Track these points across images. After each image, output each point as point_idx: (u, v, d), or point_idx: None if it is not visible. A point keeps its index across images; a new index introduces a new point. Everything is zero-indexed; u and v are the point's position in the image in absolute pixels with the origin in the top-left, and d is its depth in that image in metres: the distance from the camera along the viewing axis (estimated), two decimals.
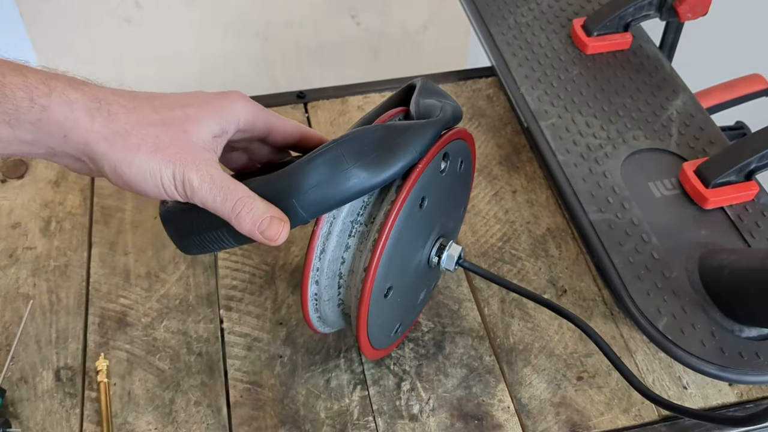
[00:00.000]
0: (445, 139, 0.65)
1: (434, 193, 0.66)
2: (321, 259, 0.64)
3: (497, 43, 1.00)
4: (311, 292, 0.66)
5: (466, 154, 0.71)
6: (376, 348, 0.71)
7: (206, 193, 0.58)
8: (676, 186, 0.82)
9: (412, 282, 0.71)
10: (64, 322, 0.79)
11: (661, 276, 0.75)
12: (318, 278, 0.65)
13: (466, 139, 0.70)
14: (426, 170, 0.63)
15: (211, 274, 0.84)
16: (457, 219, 0.78)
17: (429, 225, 0.68)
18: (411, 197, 0.62)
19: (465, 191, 0.77)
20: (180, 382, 0.75)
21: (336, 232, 0.64)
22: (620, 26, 0.98)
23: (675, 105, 0.91)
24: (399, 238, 0.63)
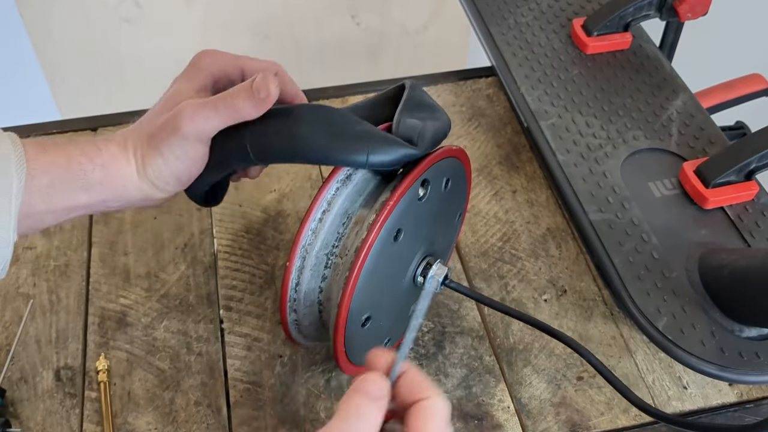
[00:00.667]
0: (423, 166, 0.63)
1: (412, 222, 0.64)
2: (297, 291, 0.65)
3: (497, 42, 1.00)
4: (290, 319, 0.67)
5: (453, 171, 0.69)
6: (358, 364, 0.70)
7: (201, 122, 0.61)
8: (676, 186, 0.82)
9: (395, 305, 0.70)
10: (64, 322, 0.79)
11: (661, 276, 0.75)
12: (296, 308, 0.66)
13: (454, 156, 0.68)
14: (400, 203, 0.61)
15: (211, 274, 0.84)
16: (450, 232, 0.76)
17: (410, 251, 0.67)
18: (383, 234, 0.61)
19: (456, 204, 0.75)
20: (180, 382, 0.75)
21: (309, 266, 0.64)
22: (620, 26, 0.98)
23: (675, 105, 0.91)
24: (374, 270, 0.62)
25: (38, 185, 0.59)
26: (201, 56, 0.68)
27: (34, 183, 0.58)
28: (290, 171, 0.93)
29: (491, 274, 0.84)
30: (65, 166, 0.60)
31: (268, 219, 0.89)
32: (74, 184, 0.60)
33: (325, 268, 0.64)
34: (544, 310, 0.81)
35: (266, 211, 0.89)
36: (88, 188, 0.61)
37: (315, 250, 0.63)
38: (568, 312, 0.81)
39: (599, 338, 0.78)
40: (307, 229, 0.63)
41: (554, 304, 0.81)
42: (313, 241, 0.63)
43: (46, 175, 0.59)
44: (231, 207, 0.90)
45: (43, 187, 0.59)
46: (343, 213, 0.64)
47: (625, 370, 0.76)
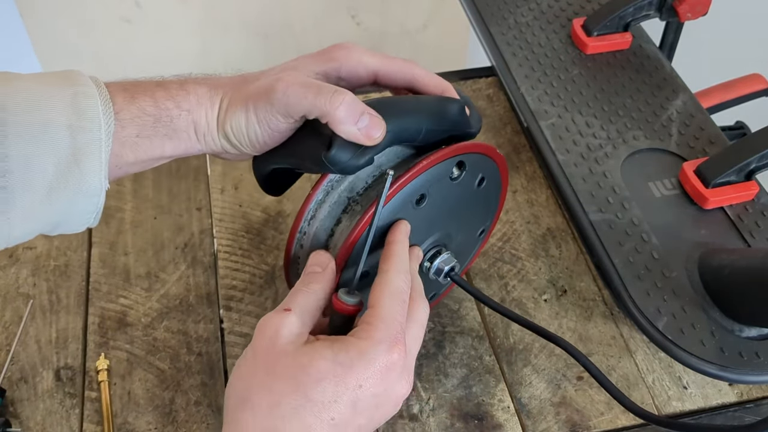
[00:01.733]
0: (463, 147, 0.64)
1: (438, 196, 0.65)
2: (310, 223, 0.64)
3: (497, 42, 1.00)
4: (294, 254, 0.66)
5: (491, 174, 0.69)
6: None
7: (294, 97, 0.59)
8: (676, 186, 0.83)
9: None
10: (64, 322, 0.79)
11: (660, 276, 0.75)
12: (303, 242, 0.65)
13: (495, 160, 0.69)
14: (432, 169, 0.62)
15: (211, 274, 0.84)
16: (470, 238, 0.75)
17: (427, 227, 0.67)
18: (407, 190, 0.61)
19: (485, 214, 0.74)
20: (180, 382, 0.75)
21: (330, 202, 0.63)
22: (620, 26, 0.98)
23: (675, 105, 0.91)
24: (384, 228, 0.62)
25: (128, 135, 0.58)
26: (337, 48, 0.65)
27: (123, 133, 0.58)
28: None
29: (491, 273, 0.84)
30: (153, 114, 0.59)
31: (269, 219, 0.89)
32: (161, 131, 0.60)
33: (343, 212, 0.64)
34: (544, 310, 0.81)
35: (266, 211, 0.90)
36: (173, 136, 0.61)
37: (340, 188, 0.63)
38: (568, 312, 0.81)
39: (599, 338, 0.78)
40: None
41: (554, 304, 0.81)
42: (342, 179, 0.64)
43: (135, 126, 0.59)
44: (231, 207, 0.90)
45: (132, 137, 0.59)
46: (377, 165, 0.64)
47: (625, 370, 0.76)
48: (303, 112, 0.59)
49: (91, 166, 0.57)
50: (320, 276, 0.60)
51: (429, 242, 0.68)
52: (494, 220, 0.77)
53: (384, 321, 0.55)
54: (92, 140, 0.56)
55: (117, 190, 0.91)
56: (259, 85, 0.61)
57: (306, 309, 0.57)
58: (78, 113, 0.56)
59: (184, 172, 0.93)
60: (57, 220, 0.59)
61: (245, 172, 0.93)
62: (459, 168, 0.65)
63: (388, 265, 0.59)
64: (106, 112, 0.57)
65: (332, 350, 0.54)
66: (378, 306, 0.56)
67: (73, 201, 0.57)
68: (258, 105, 0.60)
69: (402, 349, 0.55)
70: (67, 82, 0.58)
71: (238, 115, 0.61)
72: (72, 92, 0.57)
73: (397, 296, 0.57)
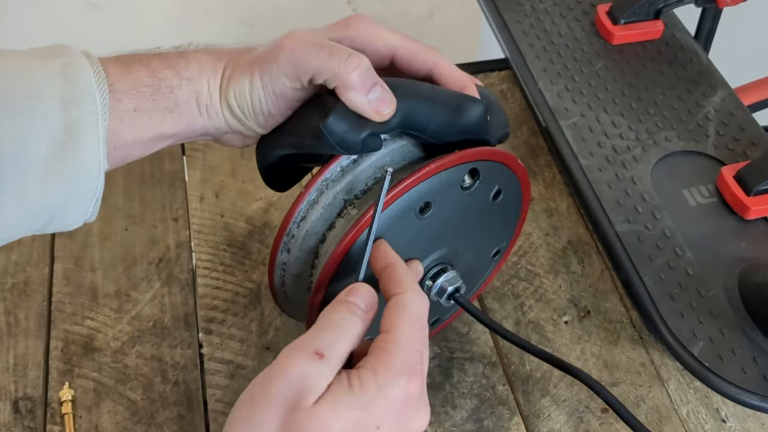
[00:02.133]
0: (478, 153, 0.64)
1: (445, 206, 0.65)
2: (300, 226, 0.65)
3: (512, 32, 1.01)
4: (280, 259, 0.66)
5: (510, 187, 0.70)
6: None
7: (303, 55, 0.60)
8: (713, 193, 0.83)
9: None
10: (23, 347, 0.80)
11: (696, 295, 0.75)
12: (290, 246, 0.66)
13: (515, 172, 0.69)
14: (440, 174, 0.62)
15: (189, 292, 0.84)
16: (482, 259, 0.75)
17: (430, 241, 0.67)
18: (410, 195, 0.62)
19: (500, 232, 0.74)
20: (154, 414, 0.76)
21: (323, 203, 0.64)
22: (650, 13, 0.98)
23: (712, 102, 0.91)
24: (383, 235, 0.62)
25: (124, 109, 0.60)
26: (355, 18, 0.65)
27: (120, 107, 0.59)
28: None
29: (505, 292, 0.84)
30: (151, 85, 0.61)
31: (254, 231, 0.89)
32: (160, 104, 0.61)
33: (338, 216, 0.64)
34: (565, 334, 0.81)
35: (251, 222, 0.90)
36: (174, 109, 0.62)
37: (336, 189, 0.64)
38: (592, 335, 0.81)
39: (627, 365, 0.79)
40: (337, 164, 0.64)
41: (576, 326, 0.82)
42: (338, 178, 0.64)
43: (131, 98, 0.60)
44: (211, 217, 0.90)
45: (129, 111, 0.60)
46: (380, 166, 0.64)
47: (656, 401, 0.77)
48: (312, 73, 0.60)
49: (88, 141, 0.58)
50: (361, 320, 0.57)
51: (432, 258, 0.68)
52: (512, 241, 0.77)
53: (403, 350, 0.55)
54: (87, 113, 0.57)
55: None
56: (265, 48, 0.62)
57: (340, 356, 0.55)
58: (69, 85, 0.57)
59: (159, 178, 0.94)
60: (54, 207, 0.59)
61: (227, 178, 0.93)
62: (472, 176, 0.65)
63: (401, 287, 0.58)
64: (99, 84, 0.58)
65: (352, 395, 0.52)
66: (395, 331, 0.55)
67: (70, 183, 0.58)
68: (263, 67, 0.61)
69: (420, 381, 0.54)
70: (54, 53, 0.59)
71: (242, 81, 0.62)
72: (61, 63, 0.58)
73: (417, 321, 0.57)
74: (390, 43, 0.65)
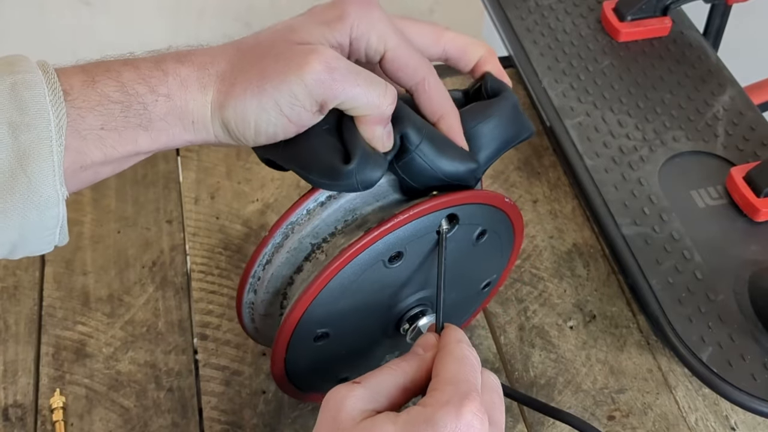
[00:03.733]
0: (455, 199, 0.62)
1: (419, 254, 0.64)
2: (265, 268, 0.64)
3: (515, 29, 1.01)
4: (247, 299, 0.66)
5: (496, 225, 0.68)
6: (303, 390, 0.71)
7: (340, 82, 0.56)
8: (722, 195, 0.83)
9: (365, 341, 0.69)
10: (12, 353, 0.80)
11: (705, 299, 0.75)
12: (256, 288, 0.65)
13: (502, 210, 0.67)
14: (412, 223, 0.61)
15: (183, 297, 0.84)
16: (469, 294, 0.75)
17: (405, 288, 0.66)
18: (378, 246, 0.61)
19: (488, 267, 0.74)
20: (147, 422, 0.76)
21: (288, 248, 0.63)
22: (658, 9, 0.98)
23: (721, 101, 0.91)
24: (352, 283, 0.62)
25: (89, 127, 0.55)
26: (350, 5, 0.60)
27: (83, 125, 0.55)
28: (275, 177, 0.94)
29: (508, 296, 0.84)
30: (120, 101, 0.55)
31: (250, 233, 0.89)
32: (132, 121, 0.56)
33: (305, 260, 0.64)
34: (570, 339, 0.81)
35: (247, 224, 0.90)
36: (150, 126, 0.57)
37: (302, 233, 0.63)
38: (598, 341, 0.81)
39: (634, 371, 0.79)
40: (303, 207, 0.63)
41: (581, 331, 0.82)
42: (304, 222, 0.63)
43: (97, 116, 0.55)
44: (207, 220, 0.90)
45: (95, 129, 0.55)
46: (350, 209, 0.63)
47: (663, 408, 0.77)
48: (342, 100, 0.57)
49: (40, 170, 0.53)
50: (417, 357, 0.58)
51: (409, 302, 0.68)
52: (504, 273, 0.76)
53: (451, 383, 0.54)
54: (39, 139, 0.53)
55: (74, 200, 0.91)
56: (278, 61, 0.57)
57: (382, 385, 0.56)
58: (19, 107, 0.53)
59: (152, 179, 0.94)
60: (12, 240, 0.56)
61: (222, 180, 0.93)
62: (450, 221, 0.64)
63: (443, 341, 0.59)
64: (55, 104, 0.54)
65: (395, 424, 0.52)
66: (443, 371, 0.56)
67: (24, 216, 0.54)
68: (280, 88, 0.56)
69: (477, 409, 0.53)
70: (5, 69, 0.54)
71: (247, 101, 0.57)
72: (11, 82, 0.54)
73: (464, 360, 0.56)
74: (383, 45, 0.61)
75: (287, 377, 0.68)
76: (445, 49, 0.65)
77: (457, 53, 0.65)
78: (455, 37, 0.65)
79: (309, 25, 0.60)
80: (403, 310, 0.68)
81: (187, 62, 0.58)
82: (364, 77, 0.57)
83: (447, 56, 0.65)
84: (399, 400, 0.57)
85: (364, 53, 0.61)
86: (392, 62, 0.61)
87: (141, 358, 0.80)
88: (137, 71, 0.57)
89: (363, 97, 0.57)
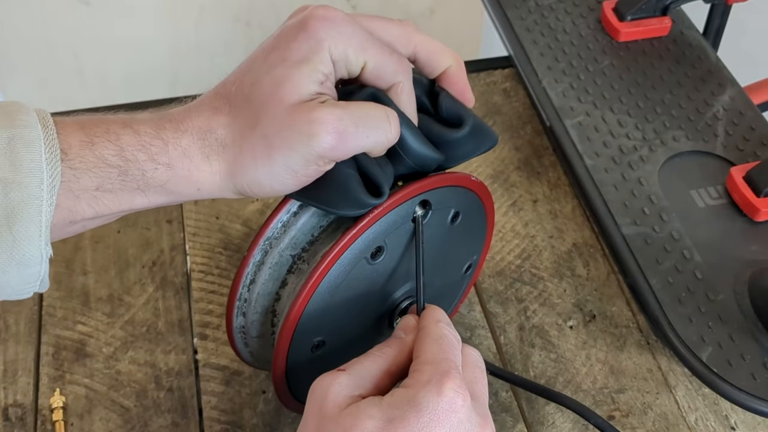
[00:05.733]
0: (423, 185, 0.62)
1: (400, 244, 0.64)
2: (250, 289, 0.64)
3: (515, 29, 1.01)
4: (237, 324, 0.66)
5: (469, 206, 0.69)
6: None
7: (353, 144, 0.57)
8: (722, 194, 0.83)
9: (363, 338, 0.69)
10: (12, 353, 0.80)
11: (705, 299, 0.75)
12: (245, 310, 0.65)
13: (471, 189, 0.67)
14: (385, 217, 0.61)
15: (183, 297, 0.84)
16: (453, 278, 0.75)
17: (392, 281, 0.66)
18: (358, 244, 0.61)
19: (466, 250, 0.74)
20: (147, 422, 0.76)
21: (269, 264, 0.63)
22: (658, 9, 0.98)
23: (721, 101, 0.92)
24: (339, 286, 0.62)
25: (84, 188, 0.54)
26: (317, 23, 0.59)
27: (78, 186, 0.54)
28: None
29: (508, 296, 0.84)
30: (118, 166, 0.55)
31: (250, 233, 0.89)
32: (130, 185, 0.56)
33: (288, 272, 0.64)
34: (570, 339, 0.81)
35: (247, 224, 0.90)
36: (147, 190, 0.56)
37: (280, 246, 0.63)
38: (597, 341, 0.81)
39: (633, 371, 0.79)
40: (277, 220, 0.63)
41: (581, 331, 0.82)
42: (280, 235, 0.63)
43: (93, 177, 0.54)
44: (206, 219, 0.90)
45: (90, 190, 0.54)
46: (324, 214, 0.63)
47: (663, 407, 0.77)
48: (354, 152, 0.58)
49: (26, 230, 0.52)
50: (398, 341, 0.59)
51: (398, 295, 0.68)
52: (484, 253, 0.76)
53: (430, 363, 0.55)
54: (29, 198, 0.52)
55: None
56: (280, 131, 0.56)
57: (366, 371, 0.57)
58: (13, 163, 0.52)
59: None
60: None
61: None
62: (423, 207, 0.64)
63: (422, 322, 0.60)
64: (51, 162, 0.52)
65: (379, 407, 0.53)
66: (421, 352, 0.56)
67: (3, 271, 0.53)
68: (291, 156, 0.56)
69: (457, 386, 0.53)
70: (4, 121, 0.53)
71: (259, 170, 0.57)
72: (8, 136, 0.52)
73: (442, 339, 0.57)
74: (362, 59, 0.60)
75: (291, 394, 0.68)
76: (414, 51, 0.64)
77: (425, 57, 0.65)
78: (426, 41, 0.65)
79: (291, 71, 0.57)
80: (393, 304, 0.68)
81: (187, 132, 0.57)
82: (371, 124, 0.57)
83: (415, 59, 0.65)
84: (384, 384, 0.57)
85: (346, 71, 0.60)
86: (372, 72, 0.61)
87: (141, 358, 0.80)
88: (137, 137, 0.56)
89: (374, 143, 0.58)
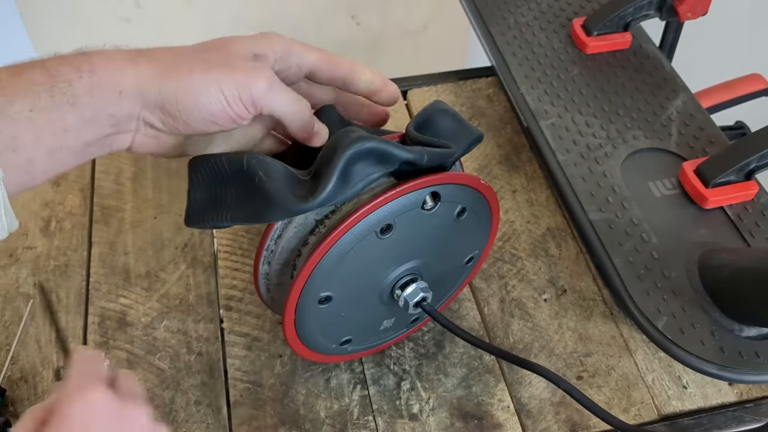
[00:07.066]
0: (436, 179, 0.62)
1: (407, 227, 0.64)
2: (277, 243, 0.64)
3: (497, 42, 1.00)
4: (262, 270, 0.66)
5: (474, 204, 0.68)
6: (313, 350, 0.70)
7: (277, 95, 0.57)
8: (675, 186, 0.83)
9: (366, 304, 0.69)
10: (64, 322, 0.79)
11: (660, 275, 0.75)
12: (270, 260, 0.65)
13: (479, 191, 0.67)
14: (400, 199, 0.61)
15: (211, 273, 0.84)
16: (454, 267, 0.74)
17: (396, 257, 0.66)
18: (370, 218, 0.61)
19: (469, 245, 0.73)
20: (180, 381, 0.75)
21: (296, 222, 0.63)
22: (620, 26, 0.98)
23: (675, 105, 0.91)
24: (348, 251, 0.62)
25: (18, 111, 0.51)
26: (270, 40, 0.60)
27: (12, 110, 0.51)
28: None
29: (491, 273, 0.84)
30: (44, 83, 0.52)
31: None
32: (58, 99, 0.52)
33: (310, 234, 0.64)
34: (544, 310, 0.81)
35: None
36: (76, 101, 0.52)
37: None
38: (568, 311, 0.81)
39: (599, 338, 0.79)
40: None
41: (554, 303, 0.81)
42: None
43: (24, 99, 0.51)
44: None
45: (24, 111, 0.51)
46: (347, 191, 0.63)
47: (624, 369, 0.76)
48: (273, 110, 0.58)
49: None
50: None
51: (401, 270, 0.68)
52: (486, 249, 0.76)
53: None
54: None
55: (117, 190, 0.91)
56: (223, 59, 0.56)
57: None
58: None
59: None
60: None
61: None
62: (433, 198, 0.64)
63: None
64: None
65: None
66: None
67: None
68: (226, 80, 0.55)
69: None
70: None
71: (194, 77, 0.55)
72: None
73: None
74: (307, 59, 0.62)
75: (297, 336, 0.68)
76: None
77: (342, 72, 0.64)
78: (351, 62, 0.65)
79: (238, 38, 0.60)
80: (396, 278, 0.68)
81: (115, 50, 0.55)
82: (292, 95, 0.58)
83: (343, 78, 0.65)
84: None
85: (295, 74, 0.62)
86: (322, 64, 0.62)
87: (174, 327, 0.79)
88: (62, 58, 0.53)
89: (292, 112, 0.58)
